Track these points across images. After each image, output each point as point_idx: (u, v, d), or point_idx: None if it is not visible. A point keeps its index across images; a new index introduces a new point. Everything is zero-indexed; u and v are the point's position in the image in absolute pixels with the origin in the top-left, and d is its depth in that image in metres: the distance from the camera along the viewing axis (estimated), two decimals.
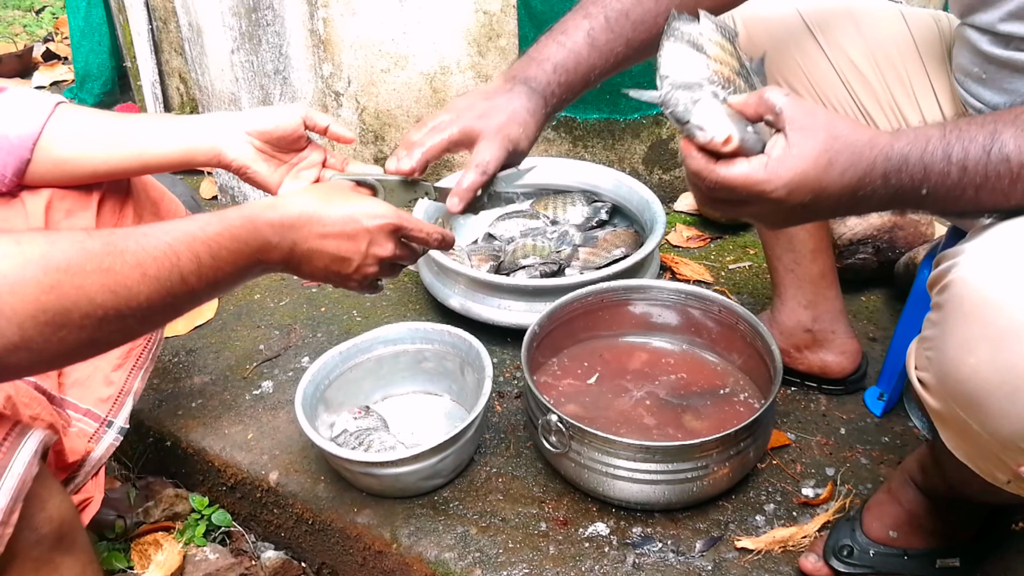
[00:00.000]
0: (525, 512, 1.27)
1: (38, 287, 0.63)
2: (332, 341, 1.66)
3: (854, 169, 0.75)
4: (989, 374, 0.74)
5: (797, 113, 0.76)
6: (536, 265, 1.75)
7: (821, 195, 0.76)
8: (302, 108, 1.17)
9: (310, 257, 0.93)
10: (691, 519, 1.24)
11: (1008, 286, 0.72)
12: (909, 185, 0.75)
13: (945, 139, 0.74)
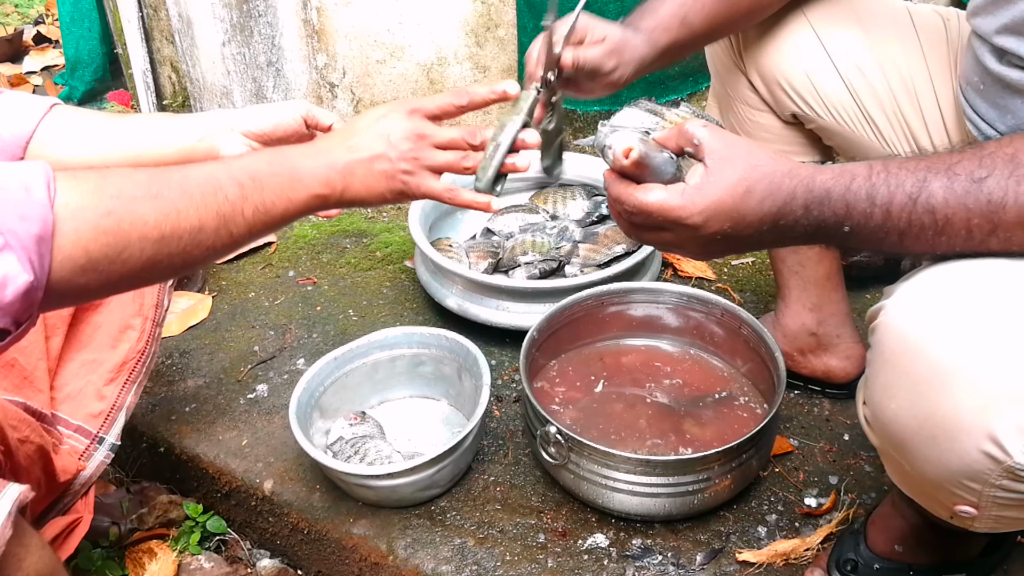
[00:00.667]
0: (523, 523, 1.25)
1: (96, 212, 0.70)
2: (328, 342, 1.63)
3: (773, 198, 0.74)
4: (908, 420, 0.73)
5: (716, 143, 0.76)
6: (535, 263, 1.72)
7: (740, 223, 0.75)
8: (303, 106, 1.12)
9: (350, 164, 0.89)
10: (692, 530, 1.22)
11: (927, 333, 0.70)
12: (832, 220, 0.73)
13: (870, 180, 0.72)
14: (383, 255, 1.88)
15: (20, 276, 0.65)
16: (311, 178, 0.87)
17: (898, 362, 0.74)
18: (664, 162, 0.78)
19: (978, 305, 0.70)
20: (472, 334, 1.59)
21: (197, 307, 1.73)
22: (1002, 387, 0.68)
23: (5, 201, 0.65)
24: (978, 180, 0.68)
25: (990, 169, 0.68)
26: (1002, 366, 0.68)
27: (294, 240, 1.95)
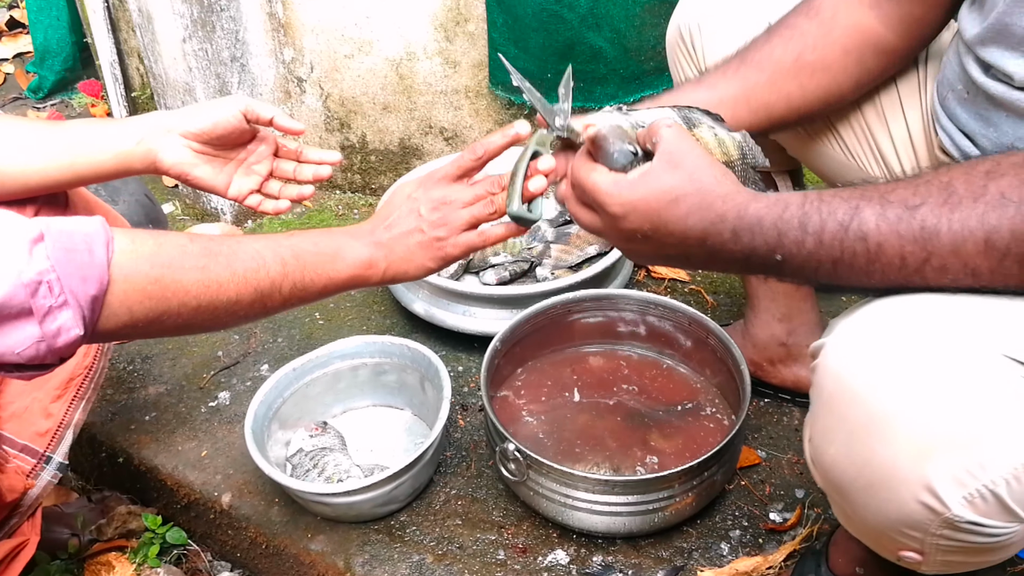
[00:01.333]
0: (483, 538, 1.22)
1: (146, 278, 0.76)
2: (292, 347, 1.60)
3: (700, 215, 0.73)
4: (846, 467, 0.72)
5: (671, 147, 0.75)
6: (506, 264, 1.69)
7: (661, 230, 0.75)
8: (241, 101, 1.08)
9: (389, 242, 0.94)
10: (654, 547, 1.20)
11: (863, 378, 0.68)
12: (763, 248, 0.71)
13: (803, 208, 0.70)
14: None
15: (73, 330, 0.72)
16: (353, 256, 0.92)
17: (835, 407, 0.71)
18: (618, 152, 0.78)
19: (915, 350, 0.67)
20: (440, 339, 1.57)
21: None
22: (939, 436, 0.65)
23: (71, 263, 0.71)
24: (911, 207, 0.66)
25: (924, 197, 0.66)
26: (939, 415, 0.65)
27: None
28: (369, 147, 1.96)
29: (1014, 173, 0.64)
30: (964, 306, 0.67)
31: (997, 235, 0.63)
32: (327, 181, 2.03)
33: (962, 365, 0.65)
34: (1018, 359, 0.64)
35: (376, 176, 2.00)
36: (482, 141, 0.96)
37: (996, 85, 0.84)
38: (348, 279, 0.92)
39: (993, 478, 0.65)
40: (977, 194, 0.64)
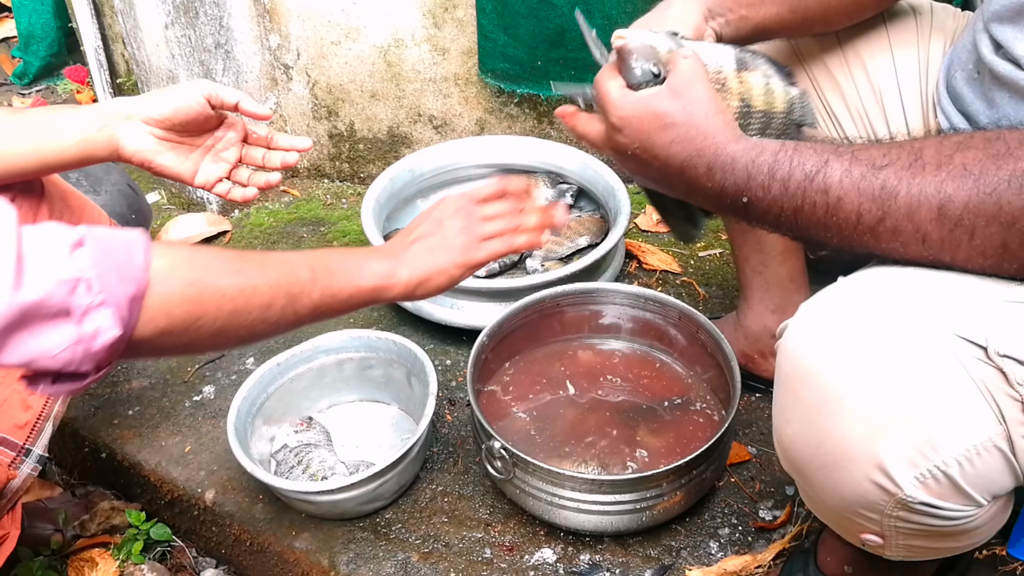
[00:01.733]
0: (470, 536, 1.21)
1: (183, 280, 0.76)
2: (279, 339, 1.57)
3: (682, 145, 0.76)
4: (802, 447, 0.73)
5: (680, 77, 0.78)
6: None
7: (648, 151, 0.78)
8: (204, 86, 1.04)
9: (411, 248, 0.97)
10: (642, 545, 1.18)
11: (818, 358, 0.69)
12: (732, 188, 0.74)
13: (776, 156, 0.72)
14: (340, 245, 1.82)
15: (111, 330, 0.70)
16: (377, 263, 0.93)
17: (792, 386, 0.72)
18: (639, 69, 0.81)
19: (869, 330, 0.67)
20: (428, 331, 1.55)
21: None
22: (889, 416, 0.65)
23: (111, 263, 0.71)
24: (877, 167, 0.67)
25: (892, 159, 0.67)
26: (890, 394, 0.65)
27: (249, 229, 1.88)
28: (357, 135, 1.93)
29: (982, 147, 0.64)
30: (920, 285, 0.67)
31: (951, 204, 0.64)
32: (316, 170, 2.01)
33: (914, 344, 0.65)
34: (970, 339, 0.63)
35: (365, 165, 1.97)
36: (503, 180, 1.04)
37: (1004, 64, 0.83)
38: (373, 289, 0.92)
39: (944, 459, 0.64)
40: (942, 162, 0.65)
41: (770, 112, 0.86)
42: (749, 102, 0.86)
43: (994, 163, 0.63)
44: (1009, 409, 0.63)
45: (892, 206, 0.66)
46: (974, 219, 0.63)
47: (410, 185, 1.76)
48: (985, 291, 0.66)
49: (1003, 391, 0.63)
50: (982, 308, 0.65)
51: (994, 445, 0.64)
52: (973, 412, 0.64)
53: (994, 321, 0.64)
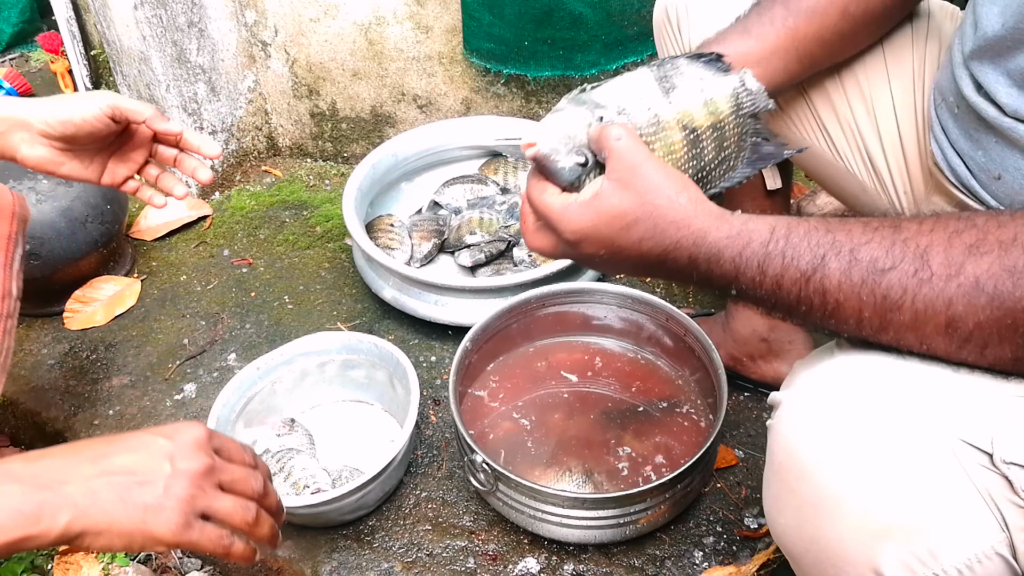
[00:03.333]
0: (453, 545, 1.20)
1: None
2: (261, 333, 1.55)
3: (654, 242, 0.69)
4: (795, 539, 0.69)
5: (623, 163, 0.69)
6: (482, 244, 1.63)
7: (618, 254, 0.70)
8: (107, 100, 0.98)
9: (93, 479, 0.67)
10: (626, 555, 1.18)
11: (814, 453, 0.64)
12: (720, 279, 0.68)
13: (767, 248, 0.65)
14: (323, 231, 1.78)
15: None
16: (12, 498, 0.63)
17: (786, 479, 0.68)
18: (566, 169, 0.72)
19: (869, 428, 0.63)
20: (412, 326, 1.53)
21: (124, 293, 1.64)
22: (889, 523, 0.62)
23: None
24: (880, 271, 0.61)
25: (896, 261, 0.61)
26: (890, 500, 0.62)
27: (231, 213, 1.84)
28: (340, 114, 1.87)
29: (996, 254, 0.58)
30: (925, 377, 0.63)
31: (961, 323, 0.59)
32: (298, 149, 1.95)
33: (916, 449, 0.61)
34: (975, 444, 0.60)
35: (348, 144, 1.92)
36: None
37: (988, 107, 0.78)
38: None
39: (944, 567, 0.61)
40: (952, 273, 0.59)
41: (718, 123, 0.78)
42: (692, 125, 0.77)
43: (1011, 279, 0.57)
44: (1013, 516, 0.60)
45: (896, 318, 0.61)
46: (986, 337, 0.59)
47: (394, 169, 1.72)
48: (991, 385, 0.62)
49: (1007, 499, 0.60)
50: (988, 407, 0.61)
51: (996, 553, 0.61)
52: (975, 521, 0.61)
53: (1000, 422, 0.60)
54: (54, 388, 1.48)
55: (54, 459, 0.67)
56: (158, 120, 0.99)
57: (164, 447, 0.70)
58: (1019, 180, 0.77)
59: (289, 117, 1.90)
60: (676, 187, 0.69)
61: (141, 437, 0.72)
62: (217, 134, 1.84)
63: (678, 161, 0.77)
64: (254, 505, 0.74)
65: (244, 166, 1.93)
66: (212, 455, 0.73)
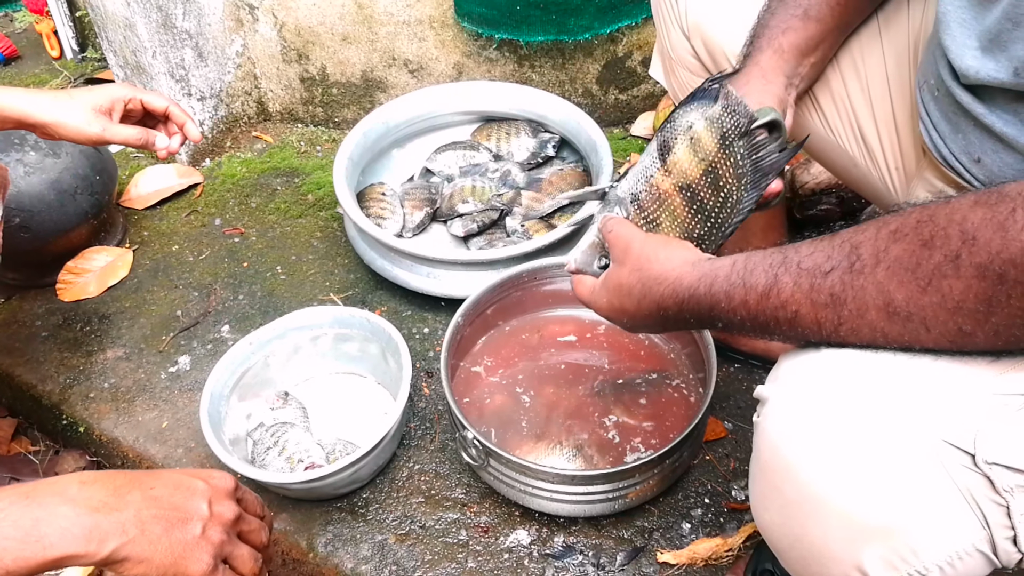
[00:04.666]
0: (446, 517, 1.22)
1: None
2: (254, 304, 1.56)
3: (649, 299, 0.80)
4: (780, 536, 0.73)
5: (617, 248, 0.86)
6: (475, 214, 1.62)
7: (633, 317, 0.84)
8: (100, 124, 1.10)
9: (142, 511, 0.71)
10: (615, 526, 1.20)
11: (799, 453, 0.66)
12: (706, 316, 0.75)
13: (729, 280, 0.72)
14: (315, 199, 1.77)
15: None
16: (70, 520, 0.67)
17: (771, 477, 0.70)
18: (592, 265, 0.91)
19: (853, 429, 0.64)
20: (405, 297, 1.53)
21: (116, 264, 1.63)
22: (872, 523, 0.64)
23: None
24: (823, 274, 0.65)
25: (835, 262, 0.65)
26: (873, 501, 0.63)
27: (222, 181, 1.82)
28: (330, 79, 1.84)
29: (914, 233, 0.61)
30: (909, 376, 0.64)
31: (895, 302, 0.62)
32: (289, 114, 1.93)
33: (899, 450, 0.62)
34: (958, 445, 0.61)
35: (339, 109, 1.89)
36: None
37: (963, 93, 0.77)
38: (57, 560, 0.67)
39: (925, 564, 0.63)
40: (879, 259, 0.62)
41: (710, 167, 0.84)
42: (687, 181, 0.85)
43: (927, 250, 0.59)
44: (994, 515, 0.62)
45: (844, 313, 0.64)
46: (922, 311, 0.60)
47: (385, 137, 1.70)
48: (974, 382, 0.63)
49: (988, 498, 0.61)
50: (970, 406, 0.62)
51: (976, 549, 0.63)
52: (957, 520, 0.62)
53: (982, 422, 0.61)
54: (49, 361, 1.49)
55: (106, 484, 0.71)
56: (152, 97, 1.13)
57: (203, 490, 0.76)
58: (997, 164, 0.78)
59: (279, 82, 1.87)
60: (656, 250, 0.81)
61: (181, 477, 0.77)
62: (206, 100, 1.82)
63: (684, 224, 0.87)
64: (260, 556, 0.80)
65: (234, 132, 1.91)
66: (238, 504, 0.79)
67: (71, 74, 2.18)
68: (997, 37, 0.71)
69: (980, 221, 0.58)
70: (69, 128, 1.07)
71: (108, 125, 1.10)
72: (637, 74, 1.79)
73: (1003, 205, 0.57)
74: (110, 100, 1.11)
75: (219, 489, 0.77)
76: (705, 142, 0.83)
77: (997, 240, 0.57)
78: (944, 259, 0.59)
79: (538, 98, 1.70)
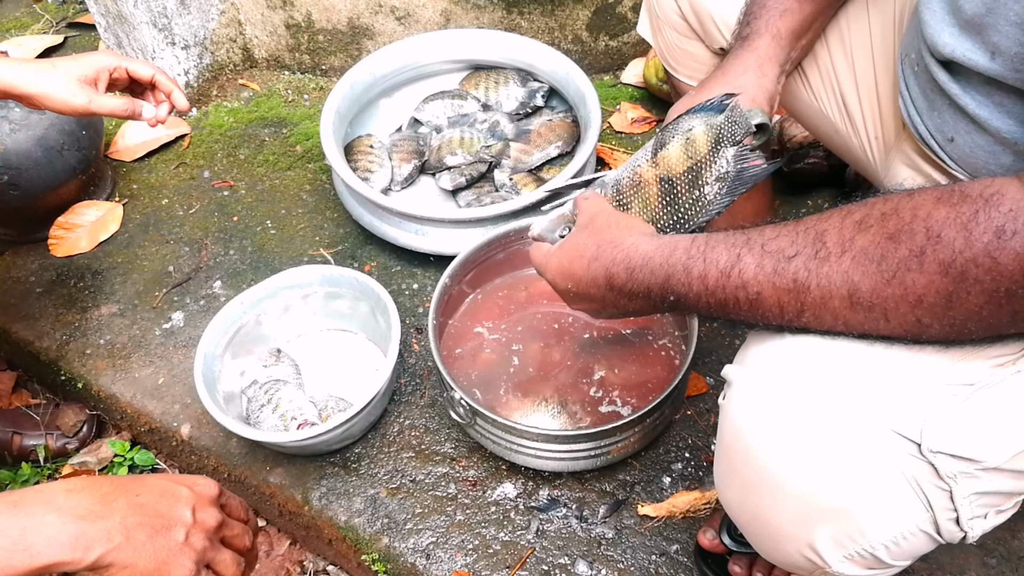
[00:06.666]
0: (435, 472, 1.27)
1: None
2: (244, 259, 1.57)
3: (599, 261, 0.80)
4: (740, 513, 0.77)
5: (585, 214, 0.86)
6: (463, 167, 1.62)
7: (578, 283, 0.83)
8: (87, 95, 1.10)
9: (128, 518, 0.73)
10: (598, 480, 1.25)
11: (758, 438, 0.70)
12: (656, 288, 0.75)
13: (689, 252, 0.72)
14: (304, 150, 1.76)
15: None
16: (57, 528, 0.69)
17: (732, 459, 0.74)
18: (554, 233, 0.94)
19: (809, 417, 0.67)
20: (395, 252, 1.55)
21: (107, 218, 1.64)
22: (824, 505, 0.68)
23: None
24: (787, 258, 0.66)
25: (799, 248, 0.66)
26: (824, 486, 0.67)
27: (209, 131, 1.81)
28: (316, 26, 1.81)
29: (879, 225, 0.62)
30: (865, 366, 0.67)
31: (859, 292, 0.63)
32: (275, 61, 1.90)
33: (850, 438, 0.66)
34: (905, 435, 0.65)
35: (326, 56, 1.87)
36: None
37: (940, 71, 0.78)
38: (44, 568, 0.69)
39: (872, 543, 0.68)
40: (844, 248, 0.63)
41: (695, 165, 0.85)
42: (669, 174, 0.86)
43: (892, 243, 0.61)
44: (937, 499, 0.66)
45: (807, 299, 0.65)
46: (884, 303, 0.62)
47: (372, 88, 1.68)
48: (926, 372, 0.65)
49: (933, 483, 0.65)
50: (920, 396, 0.65)
51: (920, 530, 0.67)
52: (903, 503, 0.66)
53: (929, 412, 0.64)
54: (44, 317, 1.51)
55: (93, 492, 0.73)
56: (135, 66, 1.14)
57: (187, 497, 0.77)
58: (969, 144, 0.79)
59: (264, 28, 1.84)
60: (625, 222, 0.82)
61: (166, 483, 0.78)
62: (190, 48, 1.79)
63: (653, 211, 0.87)
64: (243, 561, 0.82)
65: (220, 80, 1.89)
66: (221, 511, 0.81)
67: (52, 18, 2.14)
68: (972, 20, 0.71)
69: (944, 219, 0.59)
70: (55, 100, 1.07)
71: (94, 96, 1.09)
72: (628, 20, 1.76)
73: (965, 206, 0.59)
74: (95, 70, 1.10)
75: (203, 496, 0.79)
76: (699, 144, 0.85)
77: (960, 239, 0.58)
78: (909, 253, 0.61)
79: (526, 46, 1.68)
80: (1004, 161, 0.75)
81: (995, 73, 0.70)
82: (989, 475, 0.66)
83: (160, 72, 1.17)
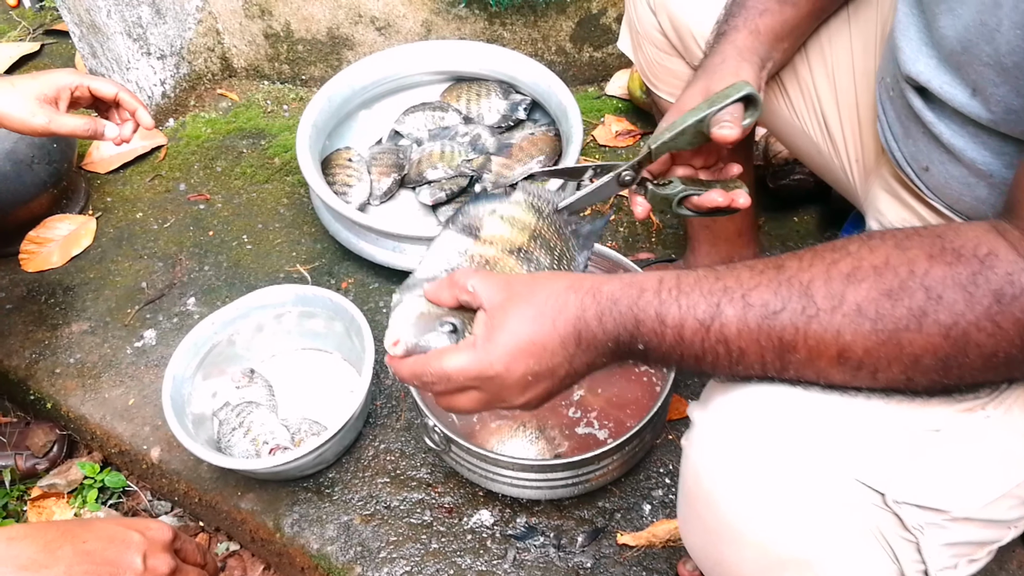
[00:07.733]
0: (410, 498, 1.24)
1: None
2: (220, 275, 1.54)
3: (564, 315, 0.65)
4: (702, 558, 0.75)
5: (491, 286, 0.67)
6: (443, 181, 1.59)
7: (543, 355, 0.65)
8: (47, 115, 1.07)
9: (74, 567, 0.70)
10: (577, 507, 1.22)
11: (720, 485, 0.66)
12: (625, 335, 0.64)
13: (659, 296, 0.63)
14: (282, 162, 1.73)
15: None
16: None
17: (694, 504, 0.71)
18: (437, 336, 0.69)
19: (772, 466, 0.64)
20: (372, 268, 1.51)
21: (80, 232, 1.61)
22: (785, 556, 0.65)
23: None
24: (773, 314, 0.60)
25: (784, 301, 0.60)
26: (785, 536, 0.65)
27: (186, 143, 1.78)
28: (295, 36, 1.78)
29: (873, 280, 0.58)
30: (828, 413, 0.64)
31: (850, 352, 0.59)
32: (254, 71, 1.87)
33: (814, 488, 0.63)
34: (870, 485, 0.62)
35: (306, 67, 1.84)
36: None
37: (915, 97, 0.75)
38: None
39: None
40: (835, 304, 0.59)
41: (535, 233, 0.77)
42: (515, 245, 0.76)
43: (889, 301, 0.57)
44: (904, 551, 0.63)
45: (793, 358, 0.61)
46: (876, 362, 0.59)
47: (351, 100, 1.65)
48: (891, 418, 0.63)
49: (898, 535, 0.63)
50: (884, 444, 0.63)
51: None
52: (867, 555, 0.64)
53: (895, 461, 0.62)
54: (14, 334, 1.48)
55: (36, 540, 0.70)
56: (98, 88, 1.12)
57: (137, 543, 0.73)
58: (944, 175, 0.76)
59: (242, 38, 1.80)
60: (548, 275, 0.69)
61: (115, 528, 0.74)
62: (166, 58, 1.75)
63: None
64: None
65: (198, 90, 1.86)
66: (175, 556, 0.76)
67: (29, 24, 2.10)
68: (951, 55, 0.68)
69: (942, 279, 0.56)
70: (12, 120, 1.03)
71: (54, 116, 1.06)
72: (612, 32, 1.74)
73: (962, 266, 0.56)
74: (55, 89, 1.07)
75: (155, 541, 0.75)
76: (519, 217, 0.78)
77: (962, 302, 0.56)
78: (908, 313, 0.57)
79: (508, 58, 1.65)
80: (979, 194, 0.73)
81: (974, 114, 0.67)
82: (958, 525, 0.64)
83: (124, 90, 1.14)
